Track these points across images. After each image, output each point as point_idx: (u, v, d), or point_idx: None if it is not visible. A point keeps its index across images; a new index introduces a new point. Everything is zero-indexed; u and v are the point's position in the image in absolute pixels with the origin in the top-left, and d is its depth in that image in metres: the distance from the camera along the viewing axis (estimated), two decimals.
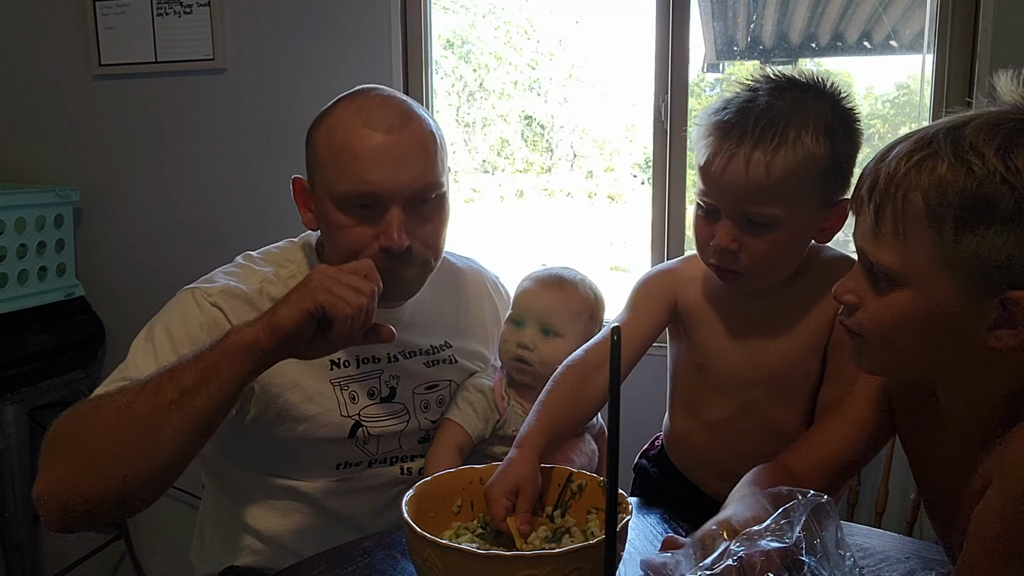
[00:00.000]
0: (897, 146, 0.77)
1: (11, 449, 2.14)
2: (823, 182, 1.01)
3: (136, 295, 2.43)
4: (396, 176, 1.11)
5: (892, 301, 0.77)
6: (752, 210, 1.01)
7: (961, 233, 0.71)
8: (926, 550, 1.08)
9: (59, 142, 2.44)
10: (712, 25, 2.22)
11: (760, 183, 0.98)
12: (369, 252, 1.12)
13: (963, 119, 0.75)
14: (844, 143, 1.01)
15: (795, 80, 1.04)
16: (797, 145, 0.98)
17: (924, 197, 0.73)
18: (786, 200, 1.00)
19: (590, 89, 2.60)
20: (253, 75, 2.26)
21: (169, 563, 2.53)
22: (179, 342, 1.12)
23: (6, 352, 2.13)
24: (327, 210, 1.15)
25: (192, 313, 1.15)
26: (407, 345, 1.28)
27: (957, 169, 0.71)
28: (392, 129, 1.12)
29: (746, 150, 0.98)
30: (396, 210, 1.11)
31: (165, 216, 2.39)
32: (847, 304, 0.82)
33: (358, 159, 1.10)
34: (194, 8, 2.24)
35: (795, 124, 0.98)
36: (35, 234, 2.23)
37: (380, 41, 2.17)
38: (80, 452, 0.97)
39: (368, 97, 1.17)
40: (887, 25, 2.11)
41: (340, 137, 1.12)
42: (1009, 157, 0.70)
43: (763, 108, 1.00)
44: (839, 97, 1.04)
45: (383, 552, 1.09)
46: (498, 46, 2.64)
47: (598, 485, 1.01)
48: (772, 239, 1.02)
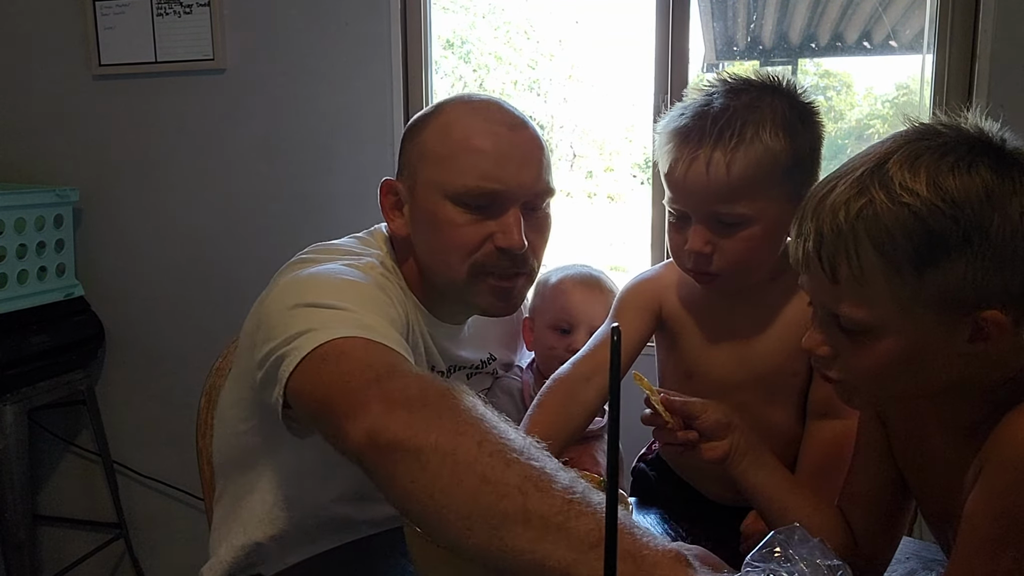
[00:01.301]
0: (829, 195, 0.77)
1: (10, 449, 2.14)
2: (787, 177, 1.02)
3: (136, 295, 2.43)
4: (520, 174, 1.07)
5: (870, 350, 0.77)
6: (719, 211, 1.02)
7: (922, 272, 0.72)
8: (926, 550, 1.08)
9: (59, 142, 2.44)
10: (712, 25, 2.22)
11: (723, 183, 0.99)
12: (483, 251, 1.08)
13: (881, 154, 0.76)
14: (804, 137, 1.03)
15: (751, 81, 1.05)
16: (755, 142, 0.99)
17: (876, 248, 0.73)
18: (751, 197, 1.01)
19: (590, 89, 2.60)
20: (253, 75, 2.26)
21: (168, 562, 2.53)
22: (377, 300, 1.00)
23: (5, 352, 2.13)
24: (437, 208, 1.08)
25: (369, 275, 1.04)
26: (460, 361, 1.24)
27: (898, 212, 0.72)
28: (514, 127, 1.09)
29: (705, 152, 1.00)
30: (516, 210, 1.07)
31: (165, 216, 2.39)
32: (823, 357, 0.82)
33: (482, 153, 1.06)
34: (194, 8, 2.24)
35: (752, 122, 1.00)
36: (35, 234, 2.23)
37: (380, 41, 2.17)
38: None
39: (479, 99, 1.14)
40: (887, 25, 2.11)
41: (460, 132, 1.08)
42: (940, 188, 0.71)
43: (719, 110, 1.01)
44: (796, 93, 1.05)
45: (383, 552, 1.09)
46: (498, 46, 2.64)
47: (598, 485, 1.01)
48: (744, 238, 1.03)
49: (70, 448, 2.58)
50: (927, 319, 0.74)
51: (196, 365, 1.67)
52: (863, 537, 0.98)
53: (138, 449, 2.50)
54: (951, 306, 0.73)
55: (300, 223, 2.22)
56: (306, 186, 2.21)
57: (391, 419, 0.78)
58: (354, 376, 0.85)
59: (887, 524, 0.98)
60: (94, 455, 2.50)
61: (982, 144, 0.75)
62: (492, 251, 1.08)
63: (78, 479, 2.58)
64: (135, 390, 2.48)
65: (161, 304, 2.43)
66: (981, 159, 0.73)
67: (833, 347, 0.80)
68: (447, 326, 1.20)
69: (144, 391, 2.47)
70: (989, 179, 0.71)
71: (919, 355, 0.76)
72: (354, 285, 1.01)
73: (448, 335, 1.21)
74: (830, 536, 0.96)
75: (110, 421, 2.47)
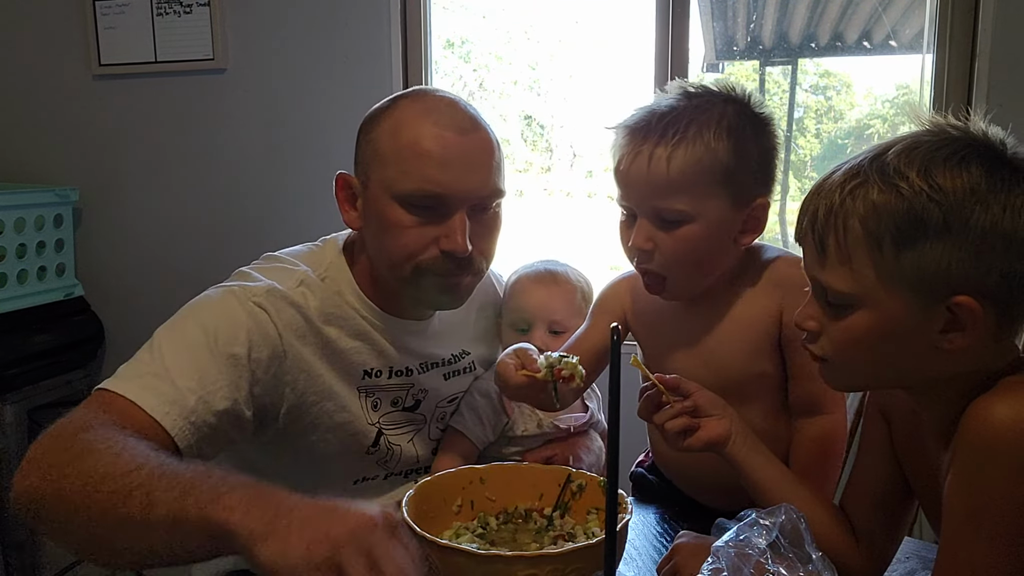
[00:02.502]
0: (830, 178, 0.83)
1: (10, 449, 2.14)
2: (729, 180, 1.02)
3: (136, 295, 2.43)
4: (466, 179, 1.08)
5: (849, 324, 0.81)
6: (658, 205, 1.03)
7: (900, 251, 0.76)
8: (926, 550, 1.08)
9: (59, 142, 2.44)
10: (712, 25, 2.22)
11: (662, 178, 1.01)
12: (428, 255, 1.09)
13: (885, 145, 0.81)
14: (752, 144, 1.04)
15: (707, 87, 1.07)
16: (697, 141, 1.01)
17: (862, 223, 0.78)
18: (689, 195, 1.02)
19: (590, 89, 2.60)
20: (253, 75, 2.26)
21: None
22: (219, 341, 1.04)
23: (6, 352, 2.13)
24: (385, 208, 1.10)
25: (235, 314, 1.07)
26: (430, 357, 1.25)
27: (887, 193, 0.77)
28: (464, 131, 1.09)
29: (649, 147, 1.02)
30: (461, 214, 1.08)
31: (164, 216, 2.39)
32: (809, 331, 0.86)
33: (429, 157, 1.07)
34: (194, 8, 2.24)
35: (697, 122, 1.02)
36: (34, 234, 2.23)
37: (380, 41, 2.17)
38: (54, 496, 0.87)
39: (433, 98, 1.13)
40: (887, 25, 2.12)
41: (408, 134, 1.08)
42: (931, 176, 0.76)
43: (667, 109, 1.04)
44: (750, 102, 1.06)
45: None
46: (498, 46, 2.64)
47: (598, 485, 1.01)
48: (684, 236, 1.03)
49: None
50: (903, 298, 0.77)
51: None
52: (865, 535, 0.98)
53: None
54: (925, 290, 0.76)
55: (299, 222, 2.22)
56: (305, 185, 2.21)
57: (22, 480, 0.88)
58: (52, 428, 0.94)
59: (889, 523, 0.98)
60: None
61: (982, 144, 0.78)
62: (436, 255, 1.09)
63: None
64: None
65: (161, 303, 2.40)
66: (976, 157, 0.76)
67: (819, 322, 0.84)
68: (410, 322, 1.21)
69: None
70: (978, 175, 0.75)
71: (893, 335, 0.79)
72: (199, 327, 1.06)
73: (413, 331, 1.22)
74: (829, 531, 0.97)
75: None
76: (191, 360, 1.02)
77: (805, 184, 2.36)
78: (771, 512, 0.80)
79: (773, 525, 0.78)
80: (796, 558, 0.76)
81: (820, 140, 2.34)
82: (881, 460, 0.97)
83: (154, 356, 1.03)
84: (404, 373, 1.21)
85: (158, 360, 1.02)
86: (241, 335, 1.05)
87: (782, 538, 0.77)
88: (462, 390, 1.29)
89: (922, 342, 0.79)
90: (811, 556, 0.76)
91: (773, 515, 0.79)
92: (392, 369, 1.20)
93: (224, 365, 1.03)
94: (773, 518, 0.79)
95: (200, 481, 0.79)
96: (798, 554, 0.77)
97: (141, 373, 1.02)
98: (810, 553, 0.77)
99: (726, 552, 0.75)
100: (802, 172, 2.35)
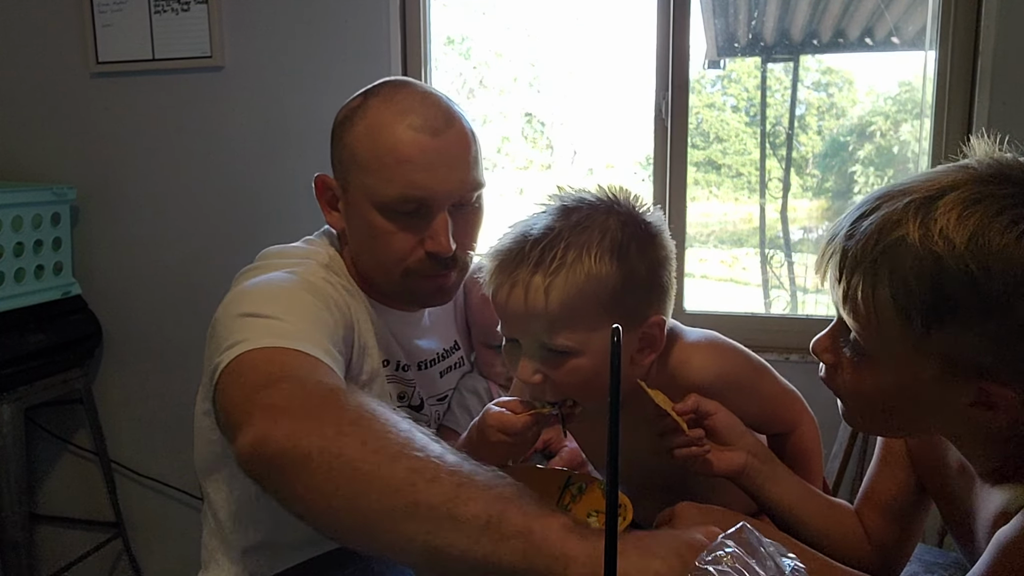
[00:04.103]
0: (871, 214, 0.72)
1: (7, 448, 2.13)
2: (616, 305, 0.92)
3: (133, 294, 2.42)
4: (445, 180, 1.07)
5: (866, 374, 0.74)
6: (543, 340, 0.93)
7: (930, 328, 0.68)
8: (928, 553, 1.07)
9: (56, 140, 2.43)
10: (713, 22, 2.21)
11: (541, 311, 0.90)
12: (414, 257, 1.10)
13: (942, 186, 0.69)
14: (638, 262, 0.93)
15: (586, 199, 0.96)
16: (577, 267, 0.90)
17: (892, 292, 0.69)
18: (574, 326, 0.91)
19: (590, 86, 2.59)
20: (251, 73, 2.25)
21: (166, 562, 2.52)
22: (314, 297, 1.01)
23: (2, 351, 2.12)
24: (367, 214, 1.10)
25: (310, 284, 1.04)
26: (427, 354, 1.25)
27: (924, 261, 0.66)
28: (438, 131, 1.08)
29: (524, 276, 0.91)
30: (443, 214, 1.08)
31: (162, 214, 2.38)
32: (825, 363, 0.79)
33: (408, 164, 1.06)
34: (192, 6, 2.23)
35: (576, 245, 0.90)
36: (32, 232, 2.22)
37: (379, 38, 2.16)
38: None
39: (405, 93, 1.12)
40: (889, 22, 2.10)
41: (385, 140, 1.07)
42: (979, 247, 0.65)
43: (543, 232, 0.92)
44: (635, 211, 0.96)
45: None
46: (498, 43, 2.63)
47: (598, 487, 1.00)
48: (572, 369, 0.93)
49: (67, 447, 2.57)
50: (928, 370, 0.70)
51: (194, 364, 1.65)
52: (878, 542, 0.97)
53: (136, 448, 2.49)
54: (954, 368, 0.69)
55: (298, 220, 2.21)
56: (304, 183, 2.19)
57: (273, 429, 0.77)
58: (246, 388, 0.85)
59: (902, 530, 0.97)
60: (91, 454, 2.49)
61: None
62: (422, 256, 1.09)
63: (75, 478, 2.57)
64: (132, 389, 2.47)
65: (159, 303, 2.42)
66: None
67: (836, 356, 0.78)
68: (402, 313, 1.20)
69: (141, 390, 2.46)
70: None
71: (915, 399, 0.73)
72: (288, 292, 1.02)
73: (406, 322, 1.21)
74: (850, 542, 0.96)
75: (107, 420, 2.47)
76: (301, 312, 0.98)
77: (807, 181, 2.35)
78: (731, 535, 0.72)
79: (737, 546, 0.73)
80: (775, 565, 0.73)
81: (822, 137, 2.33)
82: (897, 469, 0.95)
83: (267, 321, 0.94)
84: (407, 368, 1.21)
85: (274, 322, 0.94)
86: (322, 300, 1.04)
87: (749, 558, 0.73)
88: (451, 387, 1.29)
89: (948, 409, 0.72)
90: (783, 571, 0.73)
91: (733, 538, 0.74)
92: (399, 363, 1.20)
93: (327, 313, 1.01)
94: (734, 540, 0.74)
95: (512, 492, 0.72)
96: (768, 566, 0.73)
97: (271, 333, 0.92)
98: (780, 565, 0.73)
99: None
100: (803, 169, 2.34)
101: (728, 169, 2.42)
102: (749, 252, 2.52)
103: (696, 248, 2.38)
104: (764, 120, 2.33)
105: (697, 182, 2.31)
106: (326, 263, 1.14)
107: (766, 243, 2.40)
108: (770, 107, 2.32)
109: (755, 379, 1.04)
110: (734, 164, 2.41)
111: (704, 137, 2.37)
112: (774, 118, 2.33)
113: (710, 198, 2.41)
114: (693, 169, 2.16)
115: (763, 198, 2.35)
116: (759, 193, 2.35)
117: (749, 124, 2.40)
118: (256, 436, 0.77)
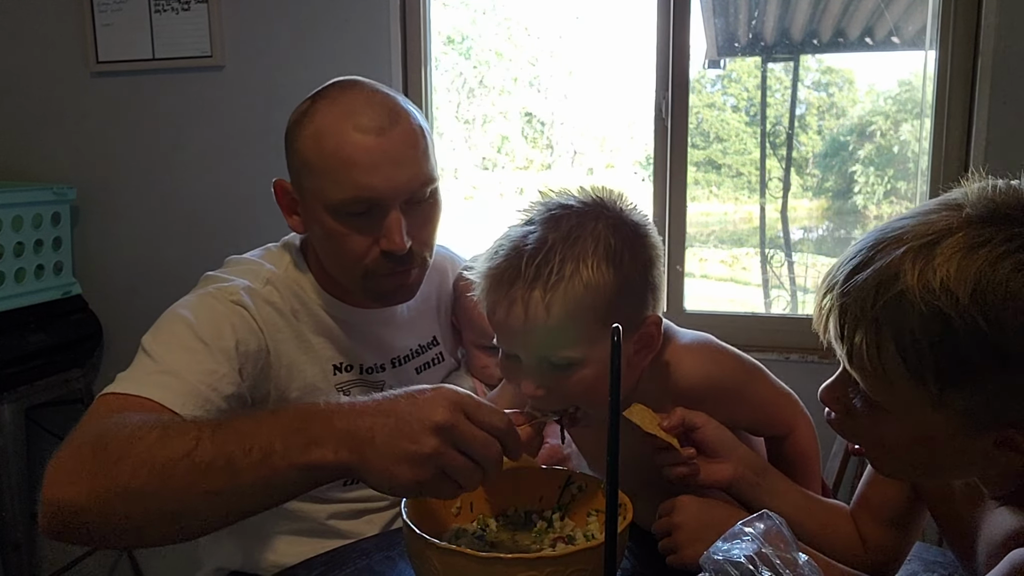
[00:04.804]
0: (864, 267, 0.67)
1: (8, 448, 2.13)
2: (615, 310, 0.91)
3: (133, 293, 2.42)
4: (393, 178, 1.08)
5: (878, 425, 0.71)
6: (545, 355, 0.93)
7: (944, 388, 0.64)
8: (928, 552, 1.07)
9: (56, 139, 2.43)
10: (713, 21, 2.21)
11: (542, 326, 0.90)
12: (370, 257, 1.10)
13: (934, 231, 0.64)
14: (632, 266, 0.93)
15: (569, 204, 0.95)
16: (575, 279, 0.89)
17: (899, 351, 0.65)
18: (576, 338, 0.91)
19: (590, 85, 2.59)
20: (251, 72, 2.25)
21: (167, 563, 2.52)
22: (210, 337, 1.05)
23: (3, 351, 2.12)
24: (321, 218, 1.11)
25: (218, 313, 1.08)
26: (401, 351, 1.26)
27: (931, 322, 0.62)
28: (383, 130, 1.08)
29: (523, 293, 0.90)
30: (395, 212, 1.09)
31: (163, 214, 2.38)
32: (836, 413, 0.77)
33: (354, 166, 1.06)
34: (192, 5, 2.23)
35: (572, 257, 0.90)
36: (32, 232, 2.22)
37: (379, 38, 2.16)
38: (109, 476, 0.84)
39: (350, 95, 1.13)
40: (889, 21, 2.10)
41: (331, 143, 1.08)
42: (984, 300, 0.60)
43: (535, 245, 0.91)
44: (622, 213, 0.95)
45: (381, 554, 1.08)
46: (498, 42, 2.63)
47: (598, 487, 1.00)
48: (577, 380, 0.93)
49: None
50: (948, 426, 0.67)
51: None
52: (874, 545, 0.97)
53: None
54: (975, 419, 0.66)
55: None
56: None
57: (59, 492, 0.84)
58: (72, 442, 0.90)
59: (898, 535, 0.97)
60: None
61: None
62: (378, 255, 1.10)
63: None
64: None
65: (159, 302, 2.39)
66: None
67: (845, 406, 0.74)
68: (375, 311, 1.21)
69: None
70: None
71: (936, 448, 0.70)
72: (186, 327, 1.06)
73: (382, 320, 1.22)
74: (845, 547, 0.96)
75: None
76: (190, 356, 1.03)
77: (807, 181, 2.35)
78: (752, 521, 0.75)
79: (757, 533, 0.75)
80: (783, 563, 0.74)
81: (822, 137, 2.33)
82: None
83: (153, 359, 1.03)
84: (375, 370, 1.22)
85: (159, 362, 1.03)
86: (227, 330, 1.07)
87: (766, 545, 0.74)
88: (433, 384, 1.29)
89: (970, 454, 0.69)
90: (796, 560, 0.74)
91: (754, 524, 0.75)
92: (363, 366, 1.21)
93: (221, 356, 1.04)
94: (755, 527, 0.75)
95: (268, 432, 0.81)
96: (784, 559, 0.75)
97: (147, 373, 1.02)
98: (795, 557, 0.75)
99: (712, 563, 0.73)
100: (803, 169, 2.34)
101: (728, 169, 2.42)
102: (749, 252, 2.53)
103: (696, 248, 2.38)
104: (764, 120, 2.33)
105: (697, 182, 2.31)
106: (267, 278, 1.16)
107: (766, 243, 2.40)
108: (770, 107, 2.32)
109: (746, 383, 1.05)
110: (734, 164, 2.41)
111: (704, 137, 2.37)
112: (774, 118, 2.33)
113: (710, 198, 2.41)
114: (693, 169, 2.16)
115: (763, 198, 2.35)
116: (759, 193, 2.35)
117: (749, 124, 2.40)
118: (43, 514, 0.85)
